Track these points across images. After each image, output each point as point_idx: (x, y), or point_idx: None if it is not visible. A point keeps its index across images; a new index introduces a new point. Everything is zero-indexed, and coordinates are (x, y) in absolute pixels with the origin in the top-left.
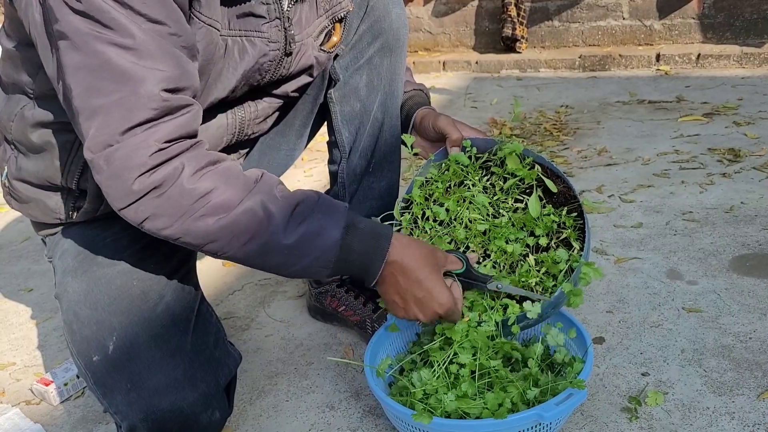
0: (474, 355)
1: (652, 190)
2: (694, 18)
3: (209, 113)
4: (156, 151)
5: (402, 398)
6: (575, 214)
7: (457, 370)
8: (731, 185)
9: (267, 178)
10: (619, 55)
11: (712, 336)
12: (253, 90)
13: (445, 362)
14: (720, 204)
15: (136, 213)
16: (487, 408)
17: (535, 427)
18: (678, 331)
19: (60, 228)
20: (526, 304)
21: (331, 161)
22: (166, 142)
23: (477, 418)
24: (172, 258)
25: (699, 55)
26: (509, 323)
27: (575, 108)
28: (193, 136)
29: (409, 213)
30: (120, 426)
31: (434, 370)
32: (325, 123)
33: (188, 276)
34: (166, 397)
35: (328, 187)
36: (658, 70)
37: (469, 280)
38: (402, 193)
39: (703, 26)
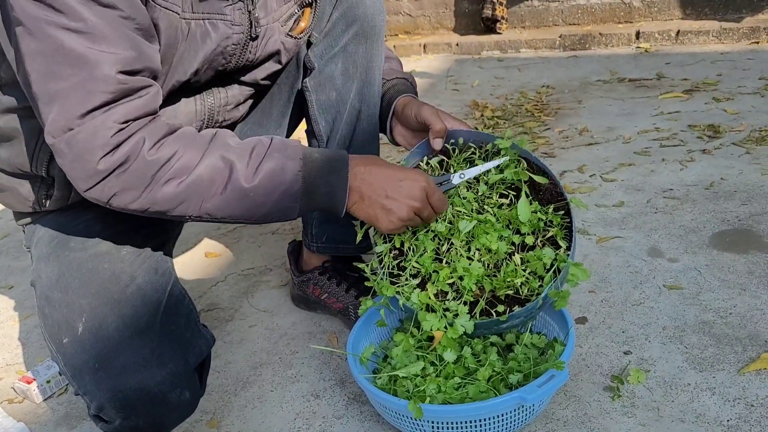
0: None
1: (633, 169)
2: None
3: (174, 97)
4: (116, 132)
5: (386, 385)
6: (562, 212)
7: (443, 365)
8: (711, 161)
9: (222, 133)
10: (599, 34)
11: (693, 312)
12: (221, 76)
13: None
14: (700, 180)
15: (102, 192)
16: (470, 398)
17: (519, 409)
18: (659, 309)
19: (36, 217)
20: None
21: None
22: (124, 122)
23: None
24: (145, 243)
25: (678, 31)
26: (500, 322)
27: (556, 88)
28: (152, 114)
29: None
30: (90, 407)
31: (424, 367)
32: None
33: (162, 260)
34: (133, 375)
35: None
36: (638, 47)
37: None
38: None
39: (682, 2)
